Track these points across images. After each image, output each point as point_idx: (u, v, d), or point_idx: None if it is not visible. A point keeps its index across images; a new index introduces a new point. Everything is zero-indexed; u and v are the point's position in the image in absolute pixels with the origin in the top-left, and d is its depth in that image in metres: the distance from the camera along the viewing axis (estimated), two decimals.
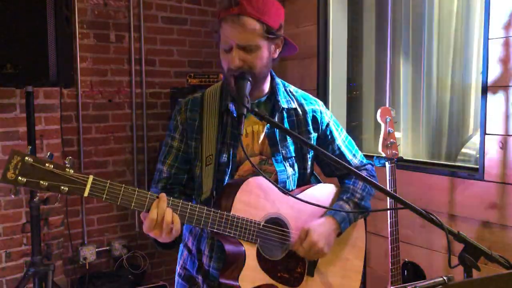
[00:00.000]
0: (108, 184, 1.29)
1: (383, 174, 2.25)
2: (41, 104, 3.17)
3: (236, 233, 1.47)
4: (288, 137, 1.66)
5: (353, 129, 3.57)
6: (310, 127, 1.69)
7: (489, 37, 2.41)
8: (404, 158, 2.45)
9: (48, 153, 1.27)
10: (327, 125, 1.72)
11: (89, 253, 3.57)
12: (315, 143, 1.70)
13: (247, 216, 1.50)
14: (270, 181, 1.52)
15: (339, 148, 1.74)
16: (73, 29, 3.28)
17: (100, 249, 3.67)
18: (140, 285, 3.53)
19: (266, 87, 1.65)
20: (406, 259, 2.38)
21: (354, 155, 1.77)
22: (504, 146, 2.38)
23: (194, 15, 4.00)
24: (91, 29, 3.57)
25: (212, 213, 1.45)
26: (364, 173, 1.73)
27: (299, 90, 1.75)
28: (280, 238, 1.58)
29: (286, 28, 1.59)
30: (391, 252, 2.23)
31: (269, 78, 1.65)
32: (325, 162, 1.77)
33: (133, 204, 1.34)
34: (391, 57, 3.32)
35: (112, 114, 3.72)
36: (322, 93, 3.44)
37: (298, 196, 1.55)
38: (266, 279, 1.53)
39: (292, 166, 1.66)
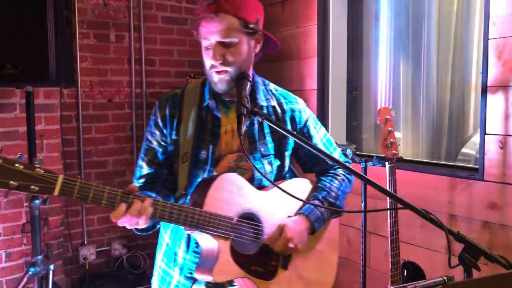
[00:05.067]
0: (78, 183, 1.29)
1: (383, 174, 2.25)
2: (41, 104, 3.17)
3: (209, 229, 1.49)
4: (267, 136, 1.69)
5: (353, 129, 3.57)
6: (289, 126, 1.72)
7: (489, 37, 2.41)
8: (404, 158, 2.44)
9: (18, 154, 1.29)
10: (305, 123, 1.75)
11: (89, 253, 3.57)
12: (293, 142, 1.73)
13: (220, 212, 1.52)
14: (265, 176, 1.54)
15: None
16: (73, 29, 3.28)
17: (100, 249, 3.67)
18: (140, 285, 3.53)
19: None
20: (406, 259, 2.38)
21: (331, 153, 1.79)
22: (504, 146, 2.38)
23: (194, 15, 3.99)
24: (91, 29, 3.57)
25: (183, 210, 1.45)
26: (339, 172, 1.79)
27: (279, 88, 1.77)
28: (253, 233, 1.60)
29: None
30: (391, 252, 2.23)
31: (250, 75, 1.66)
32: (303, 160, 1.80)
33: (103, 202, 1.33)
34: (391, 57, 3.32)
35: (112, 114, 3.72)
36: (322, 93, 3.44)
37: (274, 189, 1.59)
38: (240, 272, 1.56)
39: (270, 163, 1.69)
